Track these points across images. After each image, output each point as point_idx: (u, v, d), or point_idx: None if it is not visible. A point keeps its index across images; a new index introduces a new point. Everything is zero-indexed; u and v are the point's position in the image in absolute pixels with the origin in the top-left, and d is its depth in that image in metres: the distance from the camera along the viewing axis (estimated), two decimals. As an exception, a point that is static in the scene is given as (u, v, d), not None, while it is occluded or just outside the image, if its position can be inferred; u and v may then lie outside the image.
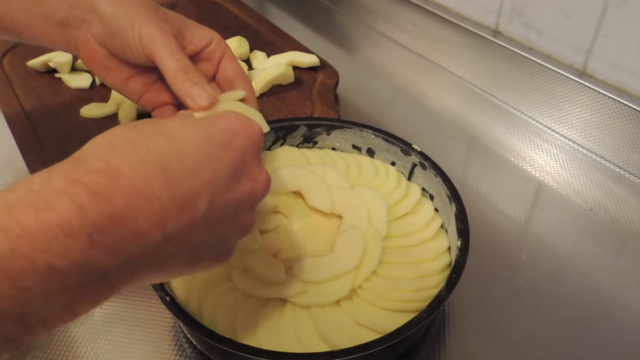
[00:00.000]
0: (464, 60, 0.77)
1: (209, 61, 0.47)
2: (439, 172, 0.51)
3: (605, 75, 0.64)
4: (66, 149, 0.60)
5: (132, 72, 0.48)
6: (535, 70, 0.68)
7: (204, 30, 0.47)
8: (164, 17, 0.45)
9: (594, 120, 0.64)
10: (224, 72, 0.48)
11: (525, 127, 0.70)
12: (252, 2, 0.97)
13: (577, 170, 0.64)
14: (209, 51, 0.47)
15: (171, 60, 0.43)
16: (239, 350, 0.38)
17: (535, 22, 0.68)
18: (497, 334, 0.47)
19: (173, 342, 0.46)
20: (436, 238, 0.49)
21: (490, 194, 0.60)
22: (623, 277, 0.52)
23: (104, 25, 0.45)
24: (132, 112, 0.64)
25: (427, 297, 0.42)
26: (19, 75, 0.73)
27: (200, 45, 0.46)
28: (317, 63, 0.75)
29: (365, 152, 0.57)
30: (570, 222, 0.57)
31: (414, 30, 0.83)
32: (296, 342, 0.41)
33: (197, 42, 0.46)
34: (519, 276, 0.51)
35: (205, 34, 0.47)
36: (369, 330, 0.42)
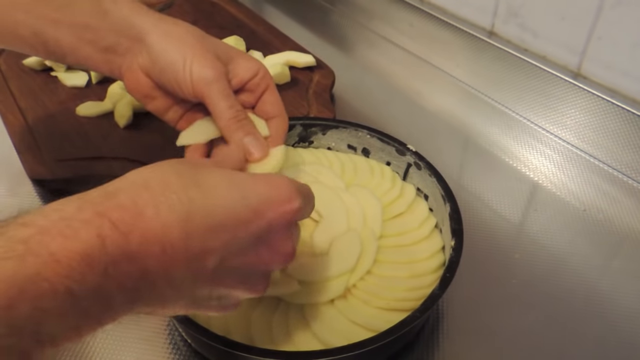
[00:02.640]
0: (459, 61, 0.78)
1: (251, 93, 0.46)
2: (434, 172, 0.51)
3: (599, 77, 0.64)
4: (62, 147, 0.61)
5: (174, 101, 0.47)
6: (530, 71, 0.68)
7: (250, 62, 0.46)
8: (215, 52, 0.44)
9: (588, 122, 0.65)
10: (264, 105, 0.47)
11: (520, 128, 0.70)
12: (248, 2, 0.97)
13: (571, 171, 0.64)
14: (254, 83, 0.46)
15: (224, 106, 0.43)
16: (233, 348, 0.38)
17: (530, 24, 0.69)
18: (491, 333, 0.47)
19: (168, 340, 0.46)
20: (430, 238, 0.49)
21: (484, 194, 0.61)
22: (616, 277, 0.52)
23: (153, 58, 0.44)
24: (129, 111, 0.64)
25: (421, 296, 0.42)
26: (14, 74, 0.73)
27: (245, 78, 0.46)
28: (314, 63, 0.75)
29: (360, 152, 0.57)
30: (564, 222, 0.58)
31: (410, 30, 0.83)
32: (290, 341, 0.41)
33: (242, 75, 0.45)
34: (513, 276, 0.52)
35: (251, 67, 0.46)
36: (363, 329, 0.42)
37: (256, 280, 0.34)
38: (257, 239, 0.32)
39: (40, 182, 0.59)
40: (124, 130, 0.64)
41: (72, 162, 0.59)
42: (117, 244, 0.26)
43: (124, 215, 0.27)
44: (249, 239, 0.31)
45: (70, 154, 0.60)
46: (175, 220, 0.28)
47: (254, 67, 0.46)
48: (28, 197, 0.59)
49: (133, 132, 0.64)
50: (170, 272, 0.29)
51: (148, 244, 0.27)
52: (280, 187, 0.33)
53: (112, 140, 0.63)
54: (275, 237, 0.33)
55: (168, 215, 0.28)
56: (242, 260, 0.32)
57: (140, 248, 0.27)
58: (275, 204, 0.32)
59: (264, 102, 0.47)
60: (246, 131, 0.43)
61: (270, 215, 0.32)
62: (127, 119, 0.64)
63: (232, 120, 0.43)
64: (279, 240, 0.33)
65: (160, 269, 0.28)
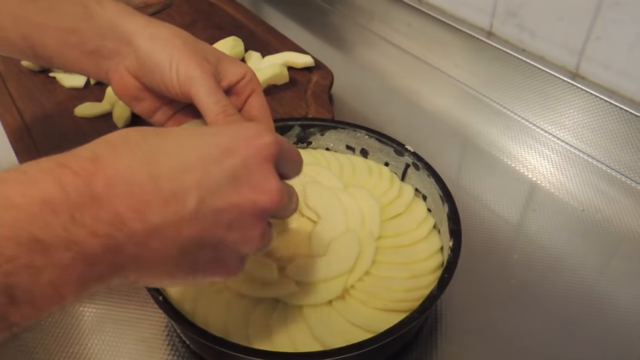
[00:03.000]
0: (458, 61, 0.78)
1: (237, 95, 0.46)
2: (432, 172, 0.51)
3: (597, 77, 0.64)
4: (60, 149, 0.61)
5: (162, 103, 0.47)
6: (529, 71, 0.68)
7: (237, 66, 0.46)
8: (202, 54, 0.44)
9: (586, 122, 0.65)
10: (250, 108, 0.47)
11: (518, 128, 0.70)
12: (247, 2, 0.97)
13: (570, 172, 0.64)
14: (241, 86, 0.46)
15: (211, 101, 0.42)
16: (231, 349, 0.38)
17: (528, 24, 0.69)
18: (489, 333, 0.47)
19: (166, 341, 0.46)
20: (429, 238, 0.49)
21: (483, 195, 0.61)
22: (614, 277, 0.52)
23: (140, 60, 0.44)
24: (127, 112, 0.64)
25: (419, 297, 0.42)
26: (13, 75, 0.73)
27: (233, 81, 0.45)
28: (312, 63, 0.75)
29: (359, 153, 0.57)
30: (562, 222, 0.58)
31: (408, 31, 0.83)
32: (288, 342, 0.41)
33: (230, 78, 0.45)
34: (512, 276, 0.52)
35: (238, 70, 0.46)
36: (361, 330, 0.42)
37: (248, 225, 0.32)
38: (233, 177, 0.31)
39: (38, 183, 0.59)
40: (122, 131, 0.64)
41: (70, 163, 0.59)
42: (79, 189, 0.26)
43: (83, 163, 0.27)
44: (224, 176, 0.30)
45: (69, 155, 0.60)
46: (138, 163, 0.28)
47: (242, 70, 0.46)
48: (26, 198, 0.59)
49: (131, 133, 0.64)
50: (146, 215, 0.28)
51: (113, 185, 0.27)
52: (248, 126, 0.34)
53: (110, 141, 0.63)
54: (254, 174, 0.31)
55: (130, 158, 0.28)
56: (223, 199, 0.30)
57: (105, 190, 0.27)
58: (246, 139, 0.32)
59: (250, 105, 0.47)
60: None
61: (242, 151, 0.31)
62: (126, 120, 0.64)
63: (220, 115, 0.42)
64: (259, 177, 0.32)
65: (132, 210, 0.27)
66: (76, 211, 0.26)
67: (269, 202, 0.32)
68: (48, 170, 0.26)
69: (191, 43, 0.44)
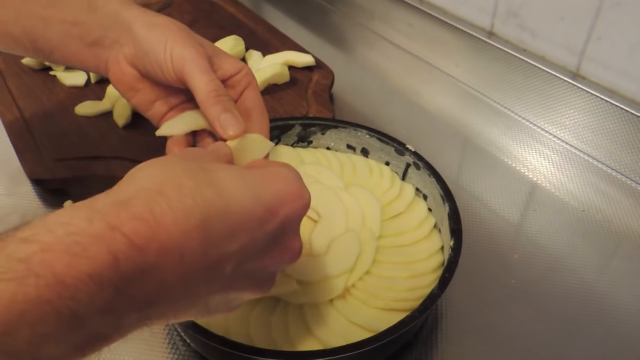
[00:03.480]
0: (458, 61, 0.78)
1: (233, 88, 0.47)
2: (433, 172, 0.51)
3: (598, 77, 0.64)
4: (61, 147, 0.61)
5: (159, 95, 0.47)
6: (529, 71, 0.68)
7: (234, 61, 0.47)
8: (198, 40, 0.45)
9: (586, 122, 0.65)
10: (245, 101, 0.47)
11: (519, 128, 0.70)
12: (248, 2, 0.97)
13: (570, 172, 0.64)
14: (236, 79, 0.46)
15: (203, 80, 0.42)
16: (232, 348, 0.38)
17: (529, 24, 0.69)
18: (490, 333, 0.47)
19: (167, 340, 0.46)
20: (429, 238, 0.49)
21: (483, 194, 0.61)
22: (614, 277, 0.52)
23: (137, 45, 0.45)
24: (127, 110, 0.64)
25: (420, 296, 0.42)
26: (13, 73, 0.73)
27: (228, 72, 0.46)
28: (313, 63, 0.75)
29: (359, 152, 0.57)
30: (562, 222, 0.58)
31: (409, 30, 0.83)
32: (288, 341, 0.41)
33: (226, 69, 0.46)
34: (512, 276, 0.52)
35: (235, 64, 0.46)
36: (362, 329, 0.42)
37: (264, 281, 0.34)
38: (272, 239, 0.32)
39: (38, 181, 0.59)
40: (123, 129, 0.64)
41: (71, 162, 0.59)
42: (131, 260, 0.24)
43: (140, 227, 0.25)
44: (265, 239, 0.31)
45: (69, 154, 0.60)
46: (193, 226, 0.27)
47: (238, 64, 0.46)
48: (26, 197, 0.59)
49: (132, 132, 0.64)
50: (188, 281, 0.27)
51: (166, 254, 0.26)
52: (290, 183, 0.33)
53: (110, 139, 0.63)
54: (287, 235, 0.33)
55: (186, 222, 0.27)
56: (257, 263, 0.31)
57: (157, 260, 0.25)
58: (289, 201, 0.32)
59: (245, 97, 0.47)
60: (224, 107, 0.42)
61: (283, 213, 0.32)
62: (126, 119, 0.64)
63: (211, 92, 0.42)
64: (290, 238, 0.33)
65: (178, 278, 0.27)
66: (122, 283, 0.24)
67: (290, 261, 0.34)
68: (100, 237, 0.24)
69: (187, 31, 0.45)
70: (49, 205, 0.58)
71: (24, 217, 0.57)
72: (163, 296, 0.26)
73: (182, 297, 0.28)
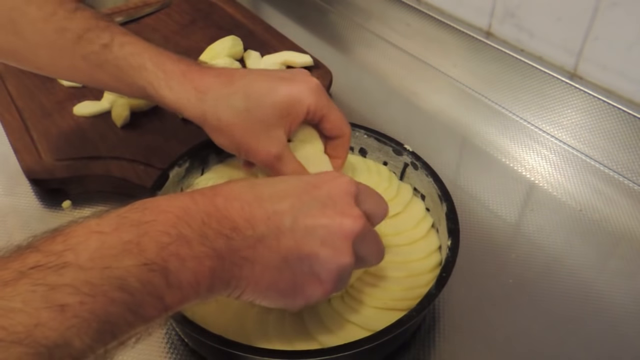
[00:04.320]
0: (456, 61, 0.78)
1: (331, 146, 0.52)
2: (431, 172, 0.51)
3: (595, 77, 0.64)
4: (59, 147, 0.61)
5: None
6: (527, 71, 0.69)
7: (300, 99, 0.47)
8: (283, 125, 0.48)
9: (584, 122, 0.65)
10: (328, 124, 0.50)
11: (517, 128, 0.70)
12: (246, 2, 0.97)
13: (568, 171, 0.64)
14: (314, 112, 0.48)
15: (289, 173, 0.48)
16: (229, 347, 0.38)
17: (527, 24, 0.69)
18: (487, 332, 0.47)
19: (165, 339, 0.46)
20: (427, 237, 0.50)
21: (481, 194, 0.61)
22: (612, 276, 0.52)
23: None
24: (125, 111, 0.64)
25: (417, 295, 0.42)
26: (12, 74, 0.73)
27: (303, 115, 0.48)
28: (311, 63, 0.75)
29: (357, 152, 0.57)
30: (560, 222, 0.58)
31: (407, 31, 0.84)
32: (286, 340, 0.41)
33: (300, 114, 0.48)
34: (509, 276, 0.52)
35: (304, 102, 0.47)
36: (359, 328, 0.42)
37: (337, 244, 0.36)
38: (321, 204, 0.36)
39: (37, 181, 0.59)
40: (121, 130, 0.64)
41: (70, 162, 0.59)
42: (206, 202, 0.33)
43: (206, 190, 0.35)
44: (314, 202, 0.36)
45: (68, 154, 0.60)
46: (246, 188, 0.36)
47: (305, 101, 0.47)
48: (25, 197, 0.59)
49: (130, 132, 0.64)
50: (254, 225, 0.34)
51: (229, 201, 0.34)
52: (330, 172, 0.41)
53: (109, 140, 0.63)
54: (338, 203, 0.36)
55: (239, 187, 0.36)
56: (313, 219, 0.35)
57: (224, 204, 0.34)
58: (329, 179, 0.38)
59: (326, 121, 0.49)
60: None
61: (327, 186, 0.37)
62: (125, 119, 0.64)
63: None
64: (344, 205, 0.36)
65: (245, 220, 0.34)
66: (206, 217, 0.33)
67: (353, 225, 0.36)
68: (183, 193, 0.34)
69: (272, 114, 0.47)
70: (47, 205, 0.58)
71: (22, 217, 0.57)
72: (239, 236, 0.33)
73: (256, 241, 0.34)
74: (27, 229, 0.56)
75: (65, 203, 0.58)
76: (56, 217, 0.57)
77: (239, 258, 0.33)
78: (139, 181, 0.56)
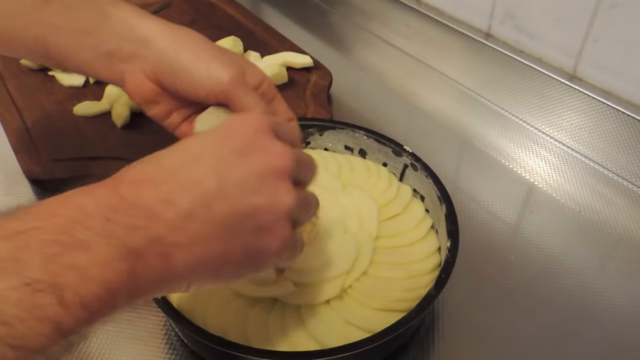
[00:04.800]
0: (456, 63, 0.78)
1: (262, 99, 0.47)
2: (430, 173, 0.51)
3: (594, 79, 0.64)
4: (59, 147, 0.61)
5: (177, 106, 0.47)
6: (527, 73, 0.69)
7: (258, 70, 0.46)
8: (228, 55, 0.45)
9: (583, 123, 0.65)
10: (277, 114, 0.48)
11: (516, 130, 0.71)
12: (246, 2, 0.97)
13: (567, 173, 0.64)
14: (261, 92, 0.46)
15: (253, 102, 0.43)
16: (229, 348, 0.38)
17: (526, 26, 0.69)
18: (486, 334, 0.47)
19: (164, 340, 0.46)
20: (426, 238, 0.50)
21: (481, 196, 0.61)
22: (611, 278, 0.53)
23: (163, 63, 0.44)
24: (126, 111, 0.64)
25: (417, 297, 0.42)
26: (12, 73, 0.73)
27: (254, 81, 0.46)
28: (311, 64, 0.75)
29: (357, 153, 0.57)
30: (559, 223, 0.58)
31: (407, 32, 0.84)
32: (286, 341, 0.41)
33: (251, 78, 0.45)
34: (508, 277, 0.52)
35: (258, 74, 0.46)
36: (359, 330, 0.42)
37: (274, 186, 0.33)
38: (239, 150, 0.32)
39: (37, 181, 0.59)
40: (121, 130, 0.64)
41: (69, 162, 0.59)
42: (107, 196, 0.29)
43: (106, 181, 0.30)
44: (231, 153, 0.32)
45: (67, 154, 0.61)
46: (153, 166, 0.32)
47: (261, 75, 0.46)
48: (25, 197, 0.59)
49: (130, 132, 0.64)
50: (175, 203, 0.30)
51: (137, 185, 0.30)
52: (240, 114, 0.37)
53: (109, 140, 0.63)
54: (257, 143, 0.33)
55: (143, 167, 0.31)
56: (239, 171, 0.32)
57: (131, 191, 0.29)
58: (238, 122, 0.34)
59: (275, 112, 0.47)
60: None
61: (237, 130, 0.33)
62: (124, 119, 0.64)
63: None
64: (265, 144, 0.33)
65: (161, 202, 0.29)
66: (110, 213, 0.28)
67: (282, 160, 0.33)
68: (78, 190, 0.29)
69: (215, 46, 0.45)
70: (47, 205, 0.58)
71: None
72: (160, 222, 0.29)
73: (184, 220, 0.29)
74: (27, 229, 0.56)
75: (64, 203, 0.58)
76: (56, 217, 0.57)
77: (166, 246, 0.29)
78: (139, 182, 0.56)
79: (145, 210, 0.29)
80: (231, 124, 0.34)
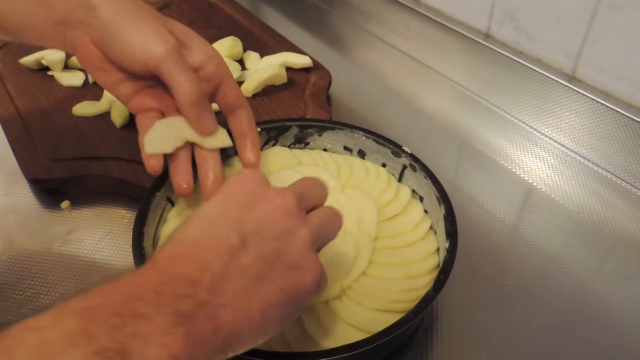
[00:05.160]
0: (455, 64, 0.78)
1: (208, 82, 0.47)
2: (429, 174, 0.51)
3: (594, 80, 0.64)
4: (59, 147, 0.61)
5: (126, 76, 0.47)
6: (526, 74, 0.69)
7: (205, 46, 0.46)
8: (167, 27, 0.44)
9: (582, 125, 0.65)
10: (225, 98, 0.48)
11: (515, 131, 0.71)
12: (246, 3, 0.97)
13: (566, 174, 0.64)
14: (209, 72, 0.46)
15: (184, 79, 0.43)
16: (228, 349, 0.38)
17: (526, 27, 0.69)
18: (485, 335, 0.47)
19: (163, 340, 0.46)
20: (425, 239, 0.50)
21: (480, 197, 0.61)
22: (610, 279, 0.53)
23: (104, 31, 0.44)
24: (125, 111, 0.64)
25: (416, 298, 0.42)
26: (11, 73, 0.73)
27: (200, 59, 0.45)
28: (310, 64, 0.75)
29: (356, 154, 0.57)
30: (558, 225, 0.58)
31: (406, 32, 0.84)
32: (284, 342, 0.41)
33: (196, 56, 0.45)
34: (507, 278, 0.52)
35: (206, 50, 0.46)
36: (358, 330, 0.42)
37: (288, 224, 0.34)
38: (245, 204, 0.35)
39: (36, 181, 0.59)
40: (121, 130, 0.64)
41: (69, 162, 0.59)
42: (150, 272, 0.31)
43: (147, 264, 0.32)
44: (239, 208, 0.34)
45: (67, 154, 0.60)
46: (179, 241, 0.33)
47: (210, 51, 0.46)
48: (24, 197, 0.59)
49: (130, 133, 0.64)
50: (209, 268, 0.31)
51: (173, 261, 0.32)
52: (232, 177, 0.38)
53: (108, 140, 0.63)
54: (257, 192, 0.35)
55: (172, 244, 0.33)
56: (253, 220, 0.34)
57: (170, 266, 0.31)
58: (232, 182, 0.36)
59: (225, 94, 0.47)
60: (205, 107, 0.45)
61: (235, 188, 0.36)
62: (124, 119, 0.64)
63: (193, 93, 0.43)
64: (263, 191, 0.36)
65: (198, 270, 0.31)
66: (157, 286, 0.29)
67: (283, 200, 0.35)
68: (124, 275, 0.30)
69: (157, 17, 0.45)
70: (46, 205, 0.58)
71: (21, 217, 0.57)
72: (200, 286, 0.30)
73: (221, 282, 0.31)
74: (26, 230, 0.56)
75: (64, 204, 0.58)
76: (55, 217, 0.57)
77: (213, 308, 0.30)
78: (138, 182, 0.56)
79: (186, 280, 0.30)
80: (231, 184, 0.36)
